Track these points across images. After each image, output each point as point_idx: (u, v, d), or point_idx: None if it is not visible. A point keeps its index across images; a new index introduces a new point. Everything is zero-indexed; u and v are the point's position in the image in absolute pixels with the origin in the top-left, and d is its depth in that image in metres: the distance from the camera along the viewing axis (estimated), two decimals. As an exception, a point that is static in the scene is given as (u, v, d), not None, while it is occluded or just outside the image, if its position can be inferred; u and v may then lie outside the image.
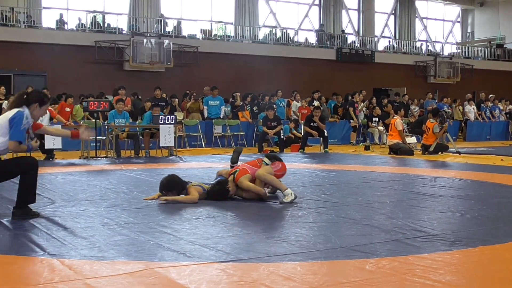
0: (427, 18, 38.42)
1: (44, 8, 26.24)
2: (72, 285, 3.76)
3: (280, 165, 7.77)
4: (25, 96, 6.24)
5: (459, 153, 15.49)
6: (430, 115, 16.53)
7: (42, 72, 22.77)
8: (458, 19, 40.18)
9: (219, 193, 7.35)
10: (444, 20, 39.68)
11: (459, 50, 37.69)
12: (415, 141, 17.43)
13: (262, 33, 31.28)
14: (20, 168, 6.18)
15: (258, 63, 28.29)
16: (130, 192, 8.09)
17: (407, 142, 16.30)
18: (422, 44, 36.78)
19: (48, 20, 26.23)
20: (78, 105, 18.32)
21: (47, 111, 14.21)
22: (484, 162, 13.51)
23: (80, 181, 9.41)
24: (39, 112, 6.35)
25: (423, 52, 35.75)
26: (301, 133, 18.09)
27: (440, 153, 15.69)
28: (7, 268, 4.25)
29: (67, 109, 17.49)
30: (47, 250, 4.65)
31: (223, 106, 19.99)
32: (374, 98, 23.00)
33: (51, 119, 14.49)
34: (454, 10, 40.01)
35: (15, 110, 6.09)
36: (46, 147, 13.73)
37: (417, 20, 37.29)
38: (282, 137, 17.43)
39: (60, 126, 13.95)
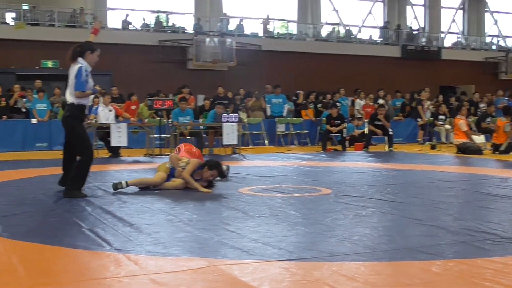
0: (498, 12, 37.25)
1: (109, 9, 26.75)
2: (137, 280, 3.81)
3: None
4: (78, 49, 7.52)
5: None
6: (489, 110, 16.06)
7: (108, 72, 23.19)
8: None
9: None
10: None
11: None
12: (484, 140, 16.99)
13: (324, 31, 31.11)
14: (85, 142, 7.55)
15: (321, 61, 28.17)
16: (194, 189, 8.15)
17: (475, 141, 15.86)
18: (492, 39, 35.83)
19: (113, 20, 26.74)
20: (143, 104, 18.56)
21: (113, 108, 14.53)
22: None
23: (145, 179, 9.52)
24: (92, 58, 7.57)
25: (494, 48, 34.84)
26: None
27: (512, 152, 15.27)
28: (75, 261, 4.35)
29: (133, 107, 17.78)
30: (113, 245, 4.72)
31: (286, 104, 19.96)
32: (441, 96, 22.60)
33: (116, 117, 14.75)
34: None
35: (76, 68, 7.39)
36: (112, 145, 13.99)
37: (487, 14, 36.31)
38: (345, 135, 17.30)
39: (126, 124, 14.17)
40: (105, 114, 14.35)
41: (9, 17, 24.84)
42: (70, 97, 7.46)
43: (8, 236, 5.07)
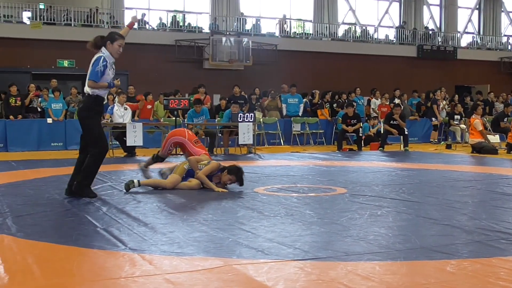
0: (514, 12, 37.14)
1: (126, 8, 26.85)
2: (152, 279, 3.82)
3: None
4: (98, 38, 7.47)
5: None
6: (507, 110, 15.99)
7: (124, 71, 23.29)
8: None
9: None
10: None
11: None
12: (499, 140, 16.90)
13: (341, 31, 31.06)
14: (98, 135, 7.30)
15: (337, 60, 28.15)
16: (209, 189, 8.16)
17: (490, 140, 15.79)
18: (508, 39, 35.64)
19: (130, 20, 26.78)
20: (157, 101, 18.58)
21: (128, 107, 14.57)
22: None
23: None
24: (114, 49, 7.41)
25: (509, 48, 34.67)
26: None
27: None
28: (90, 261, 4.37)
29: (149, 106, 17.84)
30: (128, 245, 4.74)
31: (302, 104, 19.94)
32: (457, 96, 22.50)
33: (133, 115, 14.78)
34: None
35: (95, 57, 7.35)
36: (127, 145, 14.04)
37: (503, 14, 36.12)
38: (360, 135, 17.26)
39: (141, 124, 14.22)
40: (120, 113, 14.39)
41: (25, 16, 25.00)
42: (86, 88, 7.34)
43: (23, 236, 5.09)
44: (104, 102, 7.92)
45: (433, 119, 20.60)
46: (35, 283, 3.78)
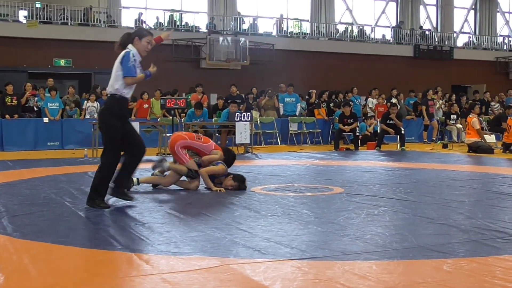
0: (509, 12, 37.14)
1: (123, 7, 26.82)
2: (149, 279, 3.82)
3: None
4: (126, 35, 6.89)
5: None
6: (507, 112, 16.03)
7: (120, 70, 23.22)
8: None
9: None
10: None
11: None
12: (495, 140, 16.93)
13: (338, 30, 31.06)
14: (112, 144, 6.68)
15: (334, 60, 28.15)
16: (207, 189, 8.16)
17: (487, 140, 15.82)
18: (504, 39, 35.73)
19: (127, 19, 26.80)
20: (153, 98, 18.52)
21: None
22: None
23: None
24: (141, 46, 6.82)
25: (505, 48, 34.75)
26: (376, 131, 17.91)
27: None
28: (87, 261, 4.37)
29: (145, 105, 17.82)
30: (125, 244, 4.74)
31: (299, 104, 19.95)
32: (454, 95, 22.53)
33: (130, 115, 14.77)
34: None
35: (122, 53, 6.71)
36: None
37: (498, 14, 36.19)
38: (357, 134, 17.27)
39: (138, 123, 14.20)
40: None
41: (22, 15, 24.91)
42: (110, 88, 6.69)
43: (19, 236, 5.08)
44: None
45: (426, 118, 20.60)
46: (31, 283, 3.77)
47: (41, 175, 9.74)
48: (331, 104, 20.10)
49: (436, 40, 32.55)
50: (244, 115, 14.96)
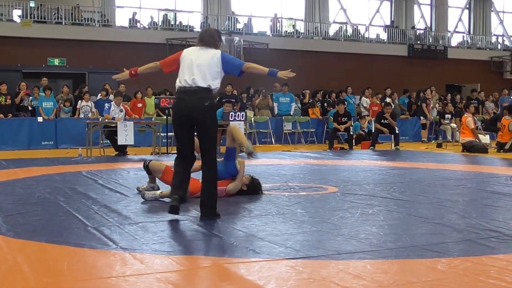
0: (503, 12, 37.21)
1: (117, 7, 26.78)
2: (143, 278, 3.81)
3: None
4: (211, 39, 6.29)
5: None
6: (505, 112, 16.06)
7: (115, 70, 23.15)
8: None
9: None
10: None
11: (537, 45, 36.54)
12: (489, 139, 16.96)
13: (332, 30, 31.08)
14: (215, 145, 6.03)
15: (328, 59, 28.16)
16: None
17: (481, 140, 15.85)
18: (498, 39, 35.82)
19: (121, 18, 26.78)
20: (146, 97, 18.47)
21: (124, 108, 14.55)
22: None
23: (152, 177, 9.53)
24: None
25: (499, 47, 34.85)
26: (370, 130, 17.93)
27: (516, 151, 15.22)
28: (81, 260, 4.36)
29: (139, 105, 17.79)
30: (119, 244, 4.73)
31: (293, 103, 19.95)
32: (449, 95, 22.57)
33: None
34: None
35: (219, 52, 6.27)
36: (118, 144, 14.00)
37: (492, 14, 36.27)
38: (351, 133, 17.29)
39: (132, 122, 14.19)
40: (116, 114, 14.36)
41: (16, 14, 24.85)
42: (202, 81, 6.09)
43: (13, 235, 5.07)
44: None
45: (422, 118, 20.60)
46: (26, 283, 3.76)
47: (35, 174, 9.72)
48: (325, 104, 20.11)
49: (430, 39, 32.62)
50: (238, 114, 14.95)
